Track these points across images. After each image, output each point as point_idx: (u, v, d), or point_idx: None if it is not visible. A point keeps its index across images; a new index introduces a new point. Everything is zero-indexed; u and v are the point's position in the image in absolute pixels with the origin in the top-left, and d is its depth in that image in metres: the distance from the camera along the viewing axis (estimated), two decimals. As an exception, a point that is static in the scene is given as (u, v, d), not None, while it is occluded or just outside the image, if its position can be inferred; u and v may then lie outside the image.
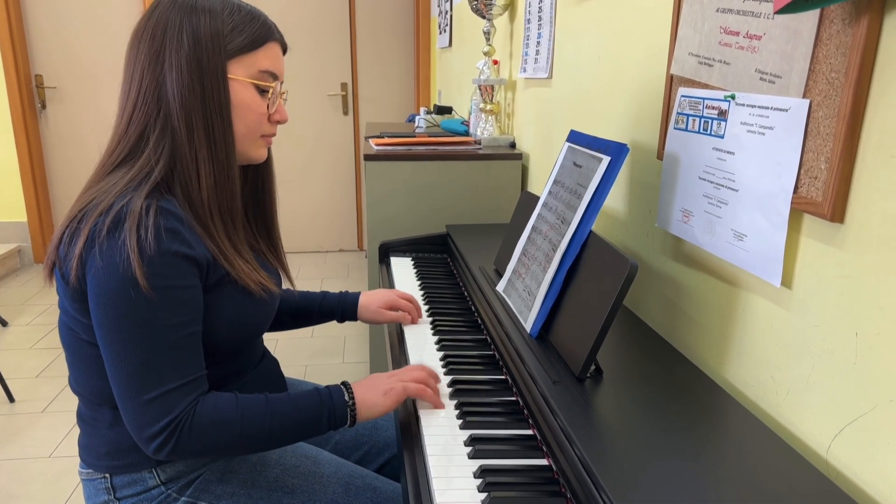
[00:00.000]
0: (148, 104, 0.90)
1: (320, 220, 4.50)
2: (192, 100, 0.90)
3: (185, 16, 0.90)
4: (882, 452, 0.69)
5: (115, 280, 0.81)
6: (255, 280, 0.96)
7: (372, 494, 1.04)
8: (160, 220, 0.84)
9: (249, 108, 0.95)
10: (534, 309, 1.05)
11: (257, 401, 0.90)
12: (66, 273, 0.86)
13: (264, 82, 0.96)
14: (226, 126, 0.93)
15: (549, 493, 0.77)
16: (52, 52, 3.99)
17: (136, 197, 0.85)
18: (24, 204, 4.05)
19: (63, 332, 0.94)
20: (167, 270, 0.83)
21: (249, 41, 0.94)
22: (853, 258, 0.73)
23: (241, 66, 0.93)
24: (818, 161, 0.76)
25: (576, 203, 1.03)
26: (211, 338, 0.92)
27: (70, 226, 0.86)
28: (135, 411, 0.84)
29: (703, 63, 0.97)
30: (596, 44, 1.46)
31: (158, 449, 0.84)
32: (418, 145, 2.12)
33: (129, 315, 0.82)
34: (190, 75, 0.89)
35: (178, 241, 0.85)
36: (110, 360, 0.84)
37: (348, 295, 1.29)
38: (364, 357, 2.87)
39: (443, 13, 3.64)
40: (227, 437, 0.86)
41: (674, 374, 0.92)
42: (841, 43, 0.72)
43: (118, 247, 0.82)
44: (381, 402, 0.95)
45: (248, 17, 0.94)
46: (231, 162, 0.94)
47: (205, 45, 0.90)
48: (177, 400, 0.84)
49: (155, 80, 0.90)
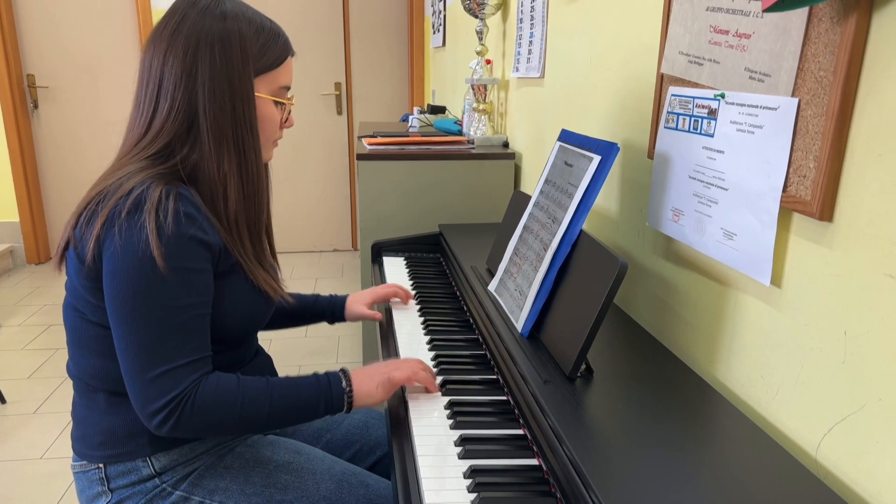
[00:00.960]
0: (178, 118, 0.92)
1: (314, 220, 4.49)
2: (223, 118, 0.92)
3: (216, 31, 0.91)
4: (871, 451, 0.69)
5: (132, 259, 0.84)
6: (271, 286, 1.00)
7: (364, 491, 1.04)
8: (179, 205, 0.87)
9: (269, 121, 0.99)
10: (525, 308, 1.04)
11: (259, 382, 0.92)
12: (81, 252, 0.88)
13: (282, 98, 1.00)
14: (255, 142, 0.96)
15: (539, 492, 0.77)
16: (44, 52, 3.97)
17: (157, 184, 0.88)
18: (17, 204, 4.03)
19: (68, 314, 0.95)
20: (183, 252, 0.86)
21: (273, 60, 0.97)
22: (842, 257, 0.73)
23: (264, 83, 0.97)
24: (807, 160, 0.76)
25: (567, 202, 1.02)
26: (215, 323, 0.94)
27: (88, 207, 0.88)
28: (141, 386, 0.86)
29: (693, 62, 0.97)
30: (587, 43, 1.46)
31: (161, 424, 0.86)
32: (411, 145, 2.12)
33: (144, 293, 0.85)
34: (222, 94, 0.92)
35: (195, 226, 0.88)
36: (121, 336, 0.86)
37: (337, 297, 1.34)
38: (357, 357, 2.86)
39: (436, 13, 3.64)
40: (228, 416, 0.88)
41: (664, 373, 0.92)
42: (829, 41, 0.72)
43: (137, 228, 0.84)
44: (374, 393, 0.97)
45: (273, 35, 0.97)
46: (260, 175, 0.98)
47: (236, 64, 0.92)
48: (182, 377, 0.86)
49: (187, 95, 0.91)
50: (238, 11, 0.94)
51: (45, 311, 3.35)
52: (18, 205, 4.03)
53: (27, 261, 4.12)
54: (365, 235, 2.04)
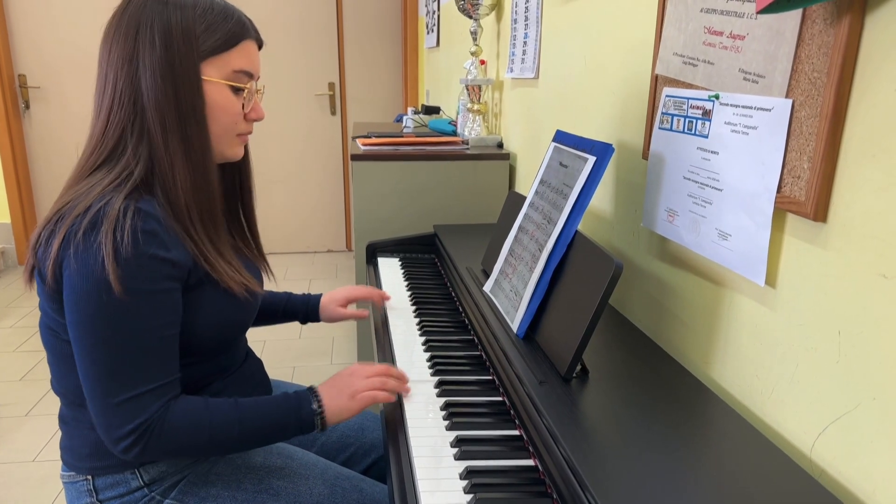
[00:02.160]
0: (124, 107, 0.88)
1: (308, 221, 4.48)
2: (166, 103, 0.88)
3: (157, 15, 0.88)
4: (865, 450, 0.70)
5: (88, 282, 0.81)
6: (237, 281, 0.95)
7: (358, 496, 1.03)
8: (137, 223, 0.83)
9: (223, 109, 0.93)
10: (520, 309, 1.05)
11: (226, 405, 0.90)
12: (43, 274, 0.85)
13: (238, 83, 0.94)
14: (201, 128, 0.91)
15: (535, 493, 0.77)
16: (35, 52, 3.95)
17: (115, 198, 0.84)
18: (8, 205, 4.00)
19: (44, 333, 0.93)
20: (142, 273, 0.83)
21: (223, 41, 0.92)
22: (836, 257, 0.73)
23: (214, 66, 0.92)
24: (801, 160, 0.76)
25: (562, 203, 1.02)
26: (192, 337, 0.91)
27: (47, 227, 0.85)
28: (104, 413, 0.83)
29: (688, 63, 0.97)
30: (582, 44, 1.46)
31: (127, 450, 0.84)
32: (406, 145, 2.12)
33: (101, 317, 0.82)
34: (163, 78, 0.88)
35: (156, 244, 0.84)
36: (81, 361, 0.84)
37: (311, 297, 1.31)
38: (352, 358, 2.86)
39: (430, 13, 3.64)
40: (196, 441, 0.87)
41: (659, 373, 0.92)
42: (823, 43, 0.72)
43: (93, 249, 0.81)
44: (348, 406, 0.95)
45: (221, 15, 0.92)
46: (208, 164, 0.93)
47: (177, 47, 0.88)
48: (147, 403, 0.84)
49: (130, 82, 0.88)
50: None
51: (36, 313, 3.33)
52: (10, 206, 4.00)
53: (18, 262, 4.09)
54: (359, 236, 2.03)
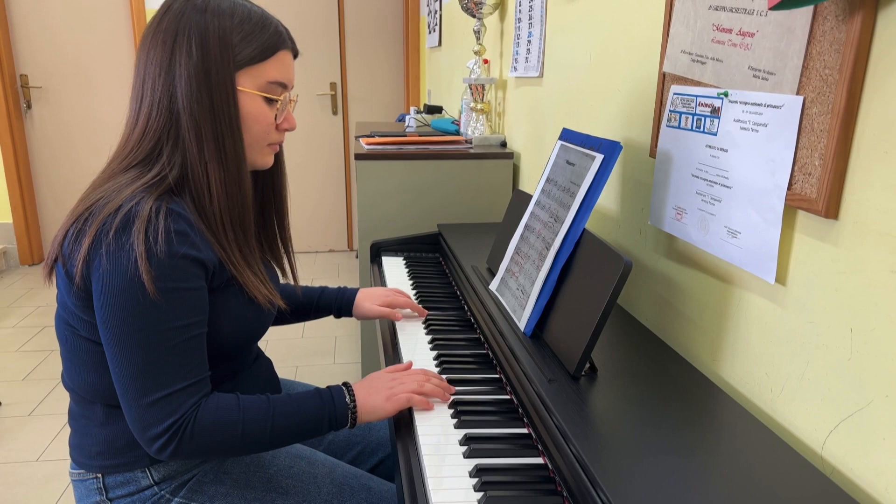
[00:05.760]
0: (161, 114, 0.89)
1: (310, 221, 4.48)
2: (200, 111, 0.88)
3: (195, 23, 0.88)
4: (877, 448, 0.69)
5: (121, 282, 0.81)
6: (262, 293, 0.96)
7: (366, 495, 1.03)
8: (170, 223, 0.83)
9: (256, 119, 0.94)
10: (528, 307, 1.04)
11: (259, 402, 0.89)
12: (70, 271, 0.85)
13: (272, 94, 0.94)
14: (236, 138, 0.91)
15: (545, 491, 0.76)
16: (37, 52, 3.94)
17: (146, 199, 0.84)
18: (10, 205, 4.00)
19: (60, 327, 0.93)
20: (175, 273, 0.83)
21: (259, 52, 0.91)
22: (847, 254, 0.73)
23: (249, 77, 0.92)
24: (812, 157, 0.76)
25: (569, 201, 1.02)
26: (212, 338, 0.91)
27: (76, 223, 0.85)
28: (139, 412, 0.83)
29: (696, 61, 0.97)
30: (587, 42, 1.46)
31: (161, 449, 0.84)
32: (409, 144, 2.11)
33: (135, 317, 0.82)
34: (198, 87, 0.88)
35: (188, 245, 0.85)
36: (115, 361, 0.83)
37: (346, 290, 1.29)
38: (356, 357, 2.86)
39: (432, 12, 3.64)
40: (229, 438, 0.86)
41: (668, 371, 0.92)
42: (835, 39, 0.72)
43: (126, 249, 0.81)
44: (382, 407, 0.94)
45: (258, 25, 0.92)
46: (242, 174, 0.93)
47: (213, 56, 0.88)
48: (181, 401, 0.84)
49: (167, 90, 0.88)
50: (224, 2, 0.90)
51: (38, 312, 3.33)
52: (11, 206, 4.00)
53: (20, 262, 4.09)
54: (363, 235, 2.03)
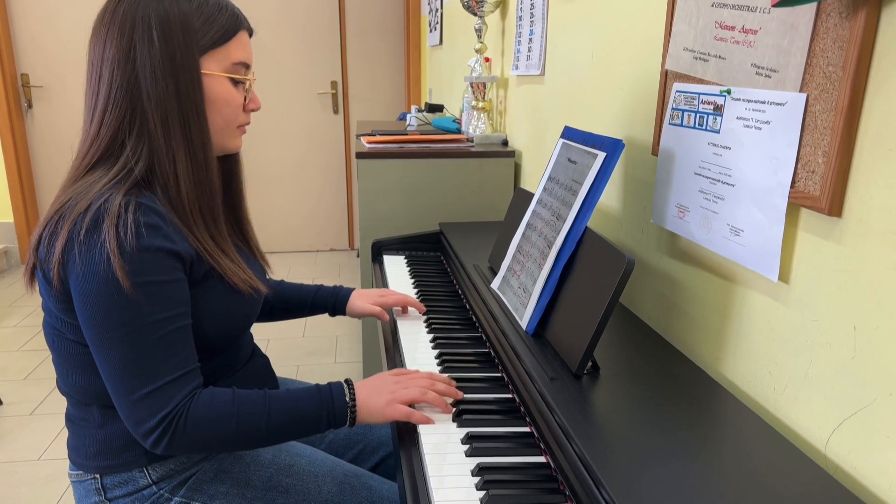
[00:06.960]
0: (119, 105, 0.87)
1: (311, 220, 4.47)
2: (167, 99, 0.87)
3: (153, 10, 0.87)
4: (881, 447, 0.69)
5: (97, 281, 0.81)
6: (241, 278, 0.95)
7: (367, 494, 1.03)
8: (140, 217, 0.83)
9: (225, 102, 0.93)
10: (529, 306, 1.04)
11: (255, 396, 0.89)
12: (47, 275, 0.84)
13: (238, 75, 0.94)
14: (202, 124, 0.91)
15: (547, 490, 0.76)
16: (38, 51, 3.94)
17: (115, 195, 0.84)
18: (11, 204, 4.00)
19: (48, 333, 0.93)
20: (149, 266, 0.83)
21: (221, 34, 0.91)
22: (851, 252, 0.73)
23: (214, 60, 0.91)
24: (815, 155, 0.76)
25: (571, 199, 1.02)
26: (197, 332, 0.91)
27: (48, 227, 0.85)
28: (131, 408, 0.83)
29: (699, 58, 0.97)
30: (589, 40, 1.45)
31: (156, 443, 0.83)
32: (410, 143, 2.11)
33: (115, 314, 0.81)
34: (163, 74, 0.87)
35: (160, 237, 0.84)
36: (101, 360, 0.83)
37: (341, 289, 1.29)
38: (357, 357, 2.85)
39: (433, 11, 3.63)
40: (224, 432, 0.86)
41: (671, 370, 0.92)
42: (838, 37, 0.71)
43: (98, 247, 0.81)
44: (381, 412, 0.92)
45: (216, 7, 0.91)
46: (209, 160, 0.92)
47: (177, 42, 0.87)
48: (172, 393, 0.84)
49: (126, 79, 0.87)
50: None
51: (39, 312, 3.33)
52: (12, 205, 4.00)
53: (21, 261, 4.09)
54: (364, 234, 2.03)
